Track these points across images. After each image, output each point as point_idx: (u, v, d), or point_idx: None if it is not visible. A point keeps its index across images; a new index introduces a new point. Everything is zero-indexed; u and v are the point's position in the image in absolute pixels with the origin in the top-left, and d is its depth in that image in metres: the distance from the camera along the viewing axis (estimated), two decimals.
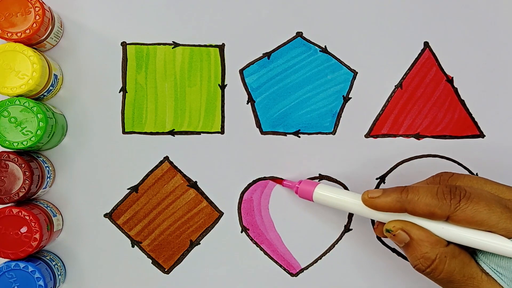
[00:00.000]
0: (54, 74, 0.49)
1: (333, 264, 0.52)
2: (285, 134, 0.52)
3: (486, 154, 0.52)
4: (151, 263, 0.51)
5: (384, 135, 0.52)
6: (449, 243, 0.42)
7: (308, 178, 0.52)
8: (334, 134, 0.52)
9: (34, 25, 0.47)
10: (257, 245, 0.52)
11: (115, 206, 0.51)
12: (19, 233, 0.46)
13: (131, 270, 0.51)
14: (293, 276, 0.52)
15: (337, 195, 0.46)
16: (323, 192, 0.47)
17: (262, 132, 0.52)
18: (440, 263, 0.41)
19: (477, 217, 0.40)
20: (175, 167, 0.52)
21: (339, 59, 0.52)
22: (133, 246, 0.51)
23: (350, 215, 0.52)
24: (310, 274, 0.52)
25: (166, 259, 0.52)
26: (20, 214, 0.46)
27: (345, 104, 0.52)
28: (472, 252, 0.42)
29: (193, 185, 0.52)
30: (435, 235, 0.42)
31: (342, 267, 0.52)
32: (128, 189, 0.51)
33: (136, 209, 0.51)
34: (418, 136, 0.52)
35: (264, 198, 0.52)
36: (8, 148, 0.46)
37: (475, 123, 0.52)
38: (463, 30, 0.52)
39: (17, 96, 0.46)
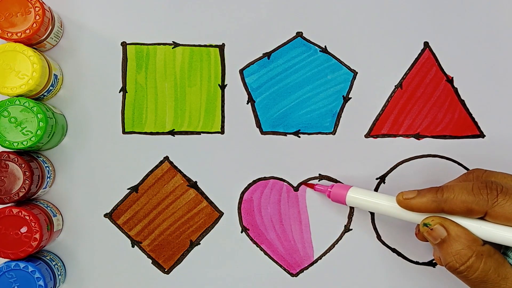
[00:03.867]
0: (54, 74, 0.49)
1: (333, 264, 0.52)
2: (285, 134, 0.52)
3: (486, 154, 0.52)
4: (151, 263, 0.51)
5: (384, 135, 0.52)
6: (485, 243, 0.42)
7: (308, 178, 0.52)
8: (334, 134, 0.52)
9: (34, 25, 0.47)
10: (257, 245, 0.52)
11: (115, 206, 0.51)
12: (19, 233, 0.46)
13: (131, 270, 0.51)
14: (293, 276, 0.52)
15: (371, 198, 0.46)
16: (356, 195, 0.47)
17: (262, 132, 0.52)
18: (476, 261, 0.41)
19: None
20: (175, 167, 0.52)
21: (339, 59, 0.52)
22: (133, 246, 0.51)
23: (350, 215, 0.52)
24: (310, 274, 0.52)
25: (166, 259, 0.52)
26: (20, 214, 0.46)
27: (345, 104, 0.52)
28: (503, 253, 0.42)
29: (193, 185, 0.52)
30: (472, 233, 0.42)
31: (342, 267, 0.52)
32: (128, 189, 0.51)
33: (136, 209, 0.51)
34: (418, 136, 0.52)
35: (264, 198, 0.52)
36: (8, 148, 0.46)
37: (475, 123, 0.52)
38: (463, 30, 0.52)
39: (17, 96, 0.46)
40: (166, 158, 0.52)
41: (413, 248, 0.52)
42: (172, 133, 0.52)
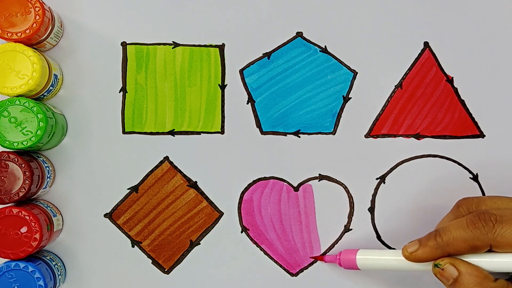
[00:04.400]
0: (54, 74, 0.49)
1: (333, 264, 0.51)
2: (285, 134, 0.52)
3: (486, 154, 0.52)
4: (151, 263, 0.51)
5: (384, 135, 0.52)
6: (496, 278, 0.41)
7: (308, 178, 0.52)
8: (334, 134, 0.52)
9: (34, 25, 0.47)
10: (257, 245, 0.52)
11: (115, 206, 0.51)
12: (19, 233, 0.46)
13: (131, 270, 0.51)
14: (293, 276, 0.52)
15: (379, 256, 0.47)
16: (364, 256, 0.47)
17: (262, 132, 0.52)
18: None
19: None
20: (175, 167, 0.52)
21: (339, 59, 0.52)
22: (133, 246, 0.51)
23: (350, 215, 0.52)
24: (310, 274, 0.52)
25: (166, 259, 0.52)
26: (20, 214, 0.46)
27: (345, 104, 0.52)
28: None
29: (193, 185, 0.52)
30: (483, 270, 0.41)
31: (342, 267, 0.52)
32: (128, 189, 0.51)
33: (136, 209, 0.51)
34: (418, 136, 0.52)
35: (264, 198, 0.52)
36: (8, 148, 0.46)
37: (475, 123, 0.52)
38: (463, 30, 0.52)
39: (17, 96, 0.46)
40: (166, 158, 0.52)
41: None
42: (172, 133, 0.52)
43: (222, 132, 0.52)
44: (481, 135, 0.52)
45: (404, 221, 0.52)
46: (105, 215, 0.51)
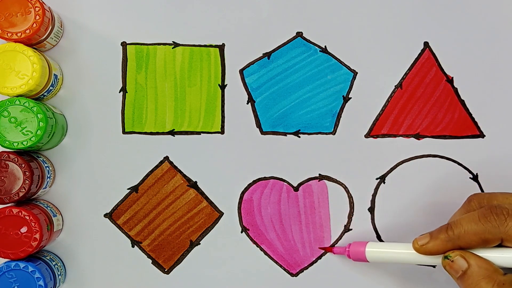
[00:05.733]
0: (54, 74, 0.49)
1: (333, 264, 0.51)
2: (285, 134, 0.52)
3: (486, 154, 0.52)
4: (151, 263, 0.51)
5: (384, 135, 0.52)
6: (506, 272, 0.41)
7: (308, 178, 0.52)
8: (334, 134, 0.52)
9: (34, 25, 0.47)
10: (257, 245, 0.52)
11: (115, 206, 0.51)
12: (19, 233, 0.46)
13: (131, 270, 0.51)
14: (293, 276, 0.52)
15: (389, 248, 0.47)
16: (374, 248, 0.48)
17: (262, 132, 0.52)
18: None
19: None
20: (175, 167, 0.52)
21: (339, 59, 0.52)
22: (133, 246, 0.51)
23: (350, 215, 0.52)
24: (310, 274, 0.52)
25: (166, 259, 0.52)
26: (20, 214, 0.46)
27: (345, 104, 0.52)
28: None
29: (193, 185, 0.52)
30: (493, 264, 0.41)
31: (342, 267, 0.52)
32: (128, 189, 0.51)
33: (136, 209, 0.51)
34: (418, 136, 0.52)
35: (264, 198, 0.52)
36: (8, 148, 0.46)
37: (475, 123, 0.52)
38: (463, 30, 0.52)
39: (17, 96, 0.46)
40: (166, 158, 0.52)
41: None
42: (172, 133, 0.52)
43: (222, 132, 0.52)
44: (481, 135, 0.52)
45: (404, 221, 0.52)
46: (105, 215, 0.51)
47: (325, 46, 0.52)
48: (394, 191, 0.52)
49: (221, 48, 0.52)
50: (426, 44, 0.52)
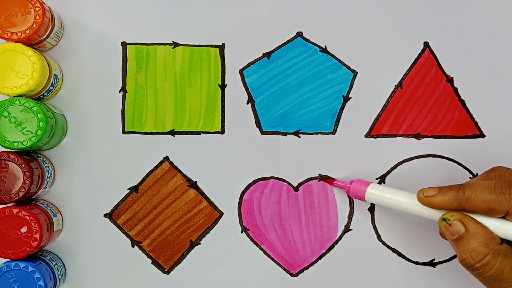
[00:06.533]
0: (54, 74, 0.49)
1: (333, 264, 0.52)
2: (285, 134, 0.52)
3: (486, 154, 0.52)
4: (151, 263, 0.51)
5: (384, 135, 0.52)
6: (503, 242, 0.42)
7: (308, 178, 0.52)
8: (334, 134, 0.52)
9: (34, 25, 0.47)
10: (257, 245, 0.52)
11: (115, 206, 0.51)
12: (19, 233, 0.46)
13: (131, 270, 0.51)
14: (293, 276, 0.52)
15: (390, 194, 0.47)
16: (376, 191, 0.47)
17: (262, 132, 0.52)
18: (492, 259, 0.41)
19: None
20: (175, 167, 0.52)
21: (339, 59, 0.52)
22: (133, 246, 0.51)
23: (350, 215, 0.52)
24: (310, 274, 0.52)
25: (166, 259, 0.52)
26: (20, 214, 0.46)
27: (345, 104, 0.52)
28: None
29: (193, 185, 0.52)
30: (491, 231, 0.42)
31: (342, 267, 0.52)
32: (128, 189, 0.51)
33: (136, 209, 0.51)
34: (418, 136, 0.52)
35: (264, 198, 0.52)
36: (8, 148, 0.46)
37: (475, 123, 0.52)
38: (463, 30, 0.52)
39: (17, 96, 0.46)
40: (166, 158, 0.52)
41: (413, 248, 0.52)
42: (172, 133, 0.52)
43: (222, 132, 0.52)
44: (481, 135, 0.52)
45: (404, 221, 0.52)
46: (105, 215, 0.51)
47: (325, 46, 0.52)
48: None
49: (221, 48, 0.52)
50: (426, 44, 0.52)
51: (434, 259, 0.52)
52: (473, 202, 0.42)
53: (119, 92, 0.52)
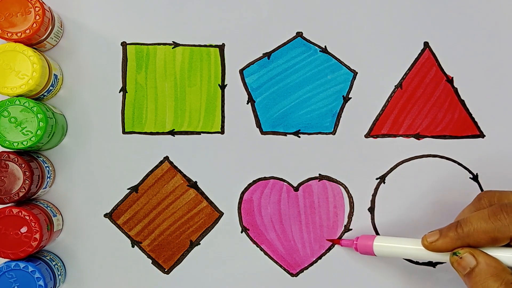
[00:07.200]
0: (54, 74, 0.49)
1: (333, 264, 0.52)
2: (285, 134, 0.52)
3: (486, 154, 0.52)
4: (151, 263, 0.51)
5: (384, 135, 0.52)
6: None
7: (308, 178, 0.52)
8: (334, 134, 0.52)
9: (34, 25, 0.47)
10: (257, 245, 0.52)
11: (115, 206, 0.51)
12: (19, 233, 0.46)
13: (131, 270, 0.51)
14: (293, 276, 0.52)
15: (397, 244, 0.47)
16: (382, 243, 0.47)
17: (262, 132, 0.52)
18: None
19: None
20: (175, 167, 0.52)
21: (339, 59, 0.52)
22: (133, 246, 0.51)
23: (350, 215, 0.52)
24: (310, 274, 0.52)
25: (166, 259, 0.52)
26: (20, 214, 0.46)
27: (345, 104, 0.52)
28: None
29: (193, 185, 0.52)
30: (502, 263, 0.41)
31: (342, 267, 0.52)
32: (128, 189, 0.51)
33: (136, 209, 0.51)
34: (418, 136, 0.52)
35: (264, 198, 0.52)
36: (8, 148, 0.46)
37: (475, 123, 0.52)
38: (463, 30, 0.52)
39: (17, 96, 0.46)
40: (166, 158, 0.52)
41: None
42: (172, 133, 0.52)
43: (222, 132, 0.52)
44: (481, 135, 0.52)
45: (404, 221, 0.52)
46: (105, 215, 0.51)
47: (325, 46, 0.52)
48: (394, 191, 0.52)
49: (221, 48, 0.52)
50: (426, 44, 0.52)
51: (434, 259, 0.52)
52: (474, 236, 0.41)
53: (119, 92, 0.52)
